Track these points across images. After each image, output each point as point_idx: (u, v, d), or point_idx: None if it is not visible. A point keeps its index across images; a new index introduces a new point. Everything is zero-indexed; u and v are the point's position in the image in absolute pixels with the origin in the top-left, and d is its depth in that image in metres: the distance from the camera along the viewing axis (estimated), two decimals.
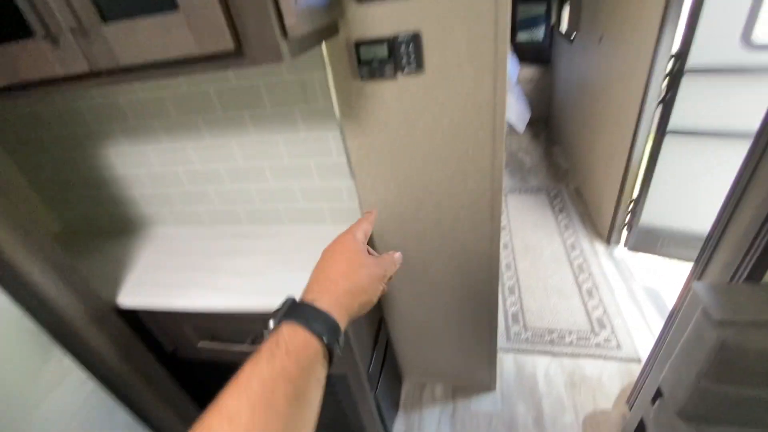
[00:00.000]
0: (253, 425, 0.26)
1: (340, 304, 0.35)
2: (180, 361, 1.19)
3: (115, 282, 1.04)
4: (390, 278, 0.44)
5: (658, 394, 0.97)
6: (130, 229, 1.29)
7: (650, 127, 1.83)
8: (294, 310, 0.34)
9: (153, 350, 1.06)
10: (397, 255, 0.45)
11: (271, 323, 0.33)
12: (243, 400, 0.27)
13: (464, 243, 1.08)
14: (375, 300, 0.39)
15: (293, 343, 0.31)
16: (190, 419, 0.89)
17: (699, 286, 0.80)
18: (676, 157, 1.78)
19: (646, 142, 1.86)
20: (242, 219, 1.18)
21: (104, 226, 1.31)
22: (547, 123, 3.88)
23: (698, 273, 0.92)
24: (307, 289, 0.37)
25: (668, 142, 1.77)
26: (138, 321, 1.05)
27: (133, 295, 0.99)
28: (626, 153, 1.94)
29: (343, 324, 0.34)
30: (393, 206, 1.04)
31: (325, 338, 0.32)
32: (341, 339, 0.34)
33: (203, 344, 1.09)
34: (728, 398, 0.79)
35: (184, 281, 1.00)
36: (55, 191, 1.25)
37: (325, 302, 0.34)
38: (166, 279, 1.03)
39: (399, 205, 1.03)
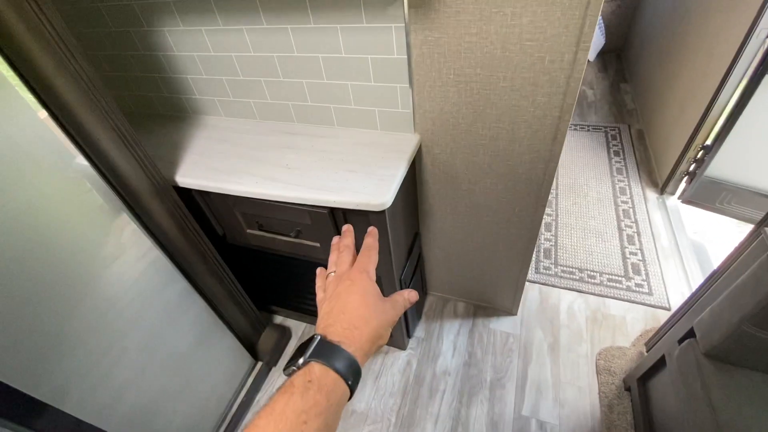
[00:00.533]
0: None
1: (362, 349, 0.37)
2: (228, 245, 1.29)
3: (171, 162, 1.09)
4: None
5: (688, 335, 0.98)
6: (182, 117, 1.31)
7: (750, 63, 1.59)
8: (324, 350, 0.35)
9: (206, 232, 1.15)
10: (413, 294, 0.44)
11: (302, 360, 0.35)
12: (279, 427, 0.29)
13: (517, 164, 1.03)
14: (386, 342, 0.42)
15: (325, 382, 0.33)
16: (236, 295, 0.98)
17: None
18: None
19: (740, 81, 1.62)
20: (293, 117, 1.17)
21: (157, 111, 1.34)
22: (620, 55, 3.45)
23: None
24: (331, 330, 0.38)
25: (767, 84, 1.54)
26: (192, 202, 1.12)
27: (189, 176, 1.04)
28: (711, 92, 1.72)
29: (362, 368, 0.37)
30: (448, 116, 0.99)
31: (350, 382, 0.35)
32: (360, 381, 0.37)
33: (251, 232, 1.16)
34: (766, 345, 0.78)
35: (236, 168, 1.04)
36: (111, 69, 1.26)
37: (351, 347, 0.36)
38: (219, 165, 1.06)
39: (455, 115, 0.98)
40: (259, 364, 1.52)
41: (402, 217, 1.14)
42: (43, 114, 0.74)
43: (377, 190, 0.91)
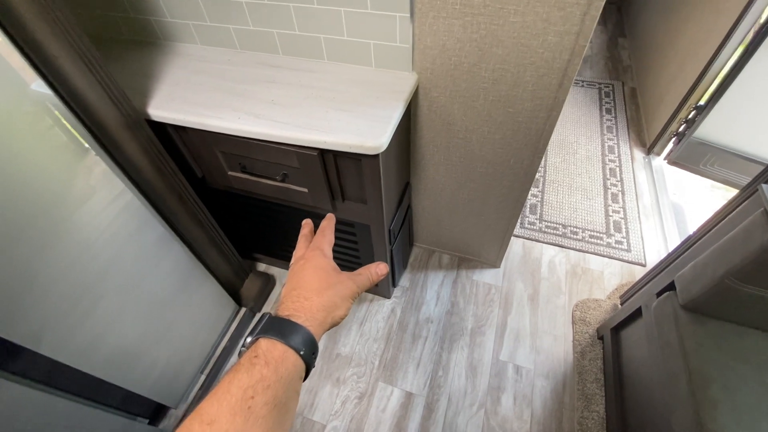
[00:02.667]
0: (234, 429, 0.27)
1: (314, 319, 0.35)
2: (208, 189, 1.22)
3: (141, 93, 0.98)
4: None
5: (667, 288, 1.01)
6: (152, 43, 1.17)
7: (755, 20, 1.53)
8: (271, 326, 0.34)
9: (183, 174, 1.07)
10: (381, 267, 0.44)
11: (249, 339, 0.34)
12: (223, 405, 0.28)
13: (518, 111, 0.98)
14: (346, 314, 0.39)
15: (271, 355, 0.31)
16: (217, 240, 0.92)
17: (767, 188, 0.75)
18: None
19: (743, 39, 1.58)
20: (278, 47, 1.06)
21: (123, 35, 1.19)
22: (621, 7, 3.31)
23: (766, 178, 0.85)
24: (282, 306, 0.37)
25: None
26: (168, 140, 1.03)
27: (163, 108, 0.95)
28: (713, 50, 1.67)
29: (318, 338, 0.35)
30: (451, 53, 0.91)
31: (302, 352, 0.33)
32: (317, 353, 0.36)
33: (233, 174, 1.09)
34: (743, 298, 0.81)
35: (216, 102, 0.95)
36: None
37: (301, 318, 0.35)
38: (196, 97, 0.97)
39: (458, 53, 0.91)
40: (243, 309, 1.52)
41: (395, 165, 1.09)
42: None
43: (372, 131, 0.85)
